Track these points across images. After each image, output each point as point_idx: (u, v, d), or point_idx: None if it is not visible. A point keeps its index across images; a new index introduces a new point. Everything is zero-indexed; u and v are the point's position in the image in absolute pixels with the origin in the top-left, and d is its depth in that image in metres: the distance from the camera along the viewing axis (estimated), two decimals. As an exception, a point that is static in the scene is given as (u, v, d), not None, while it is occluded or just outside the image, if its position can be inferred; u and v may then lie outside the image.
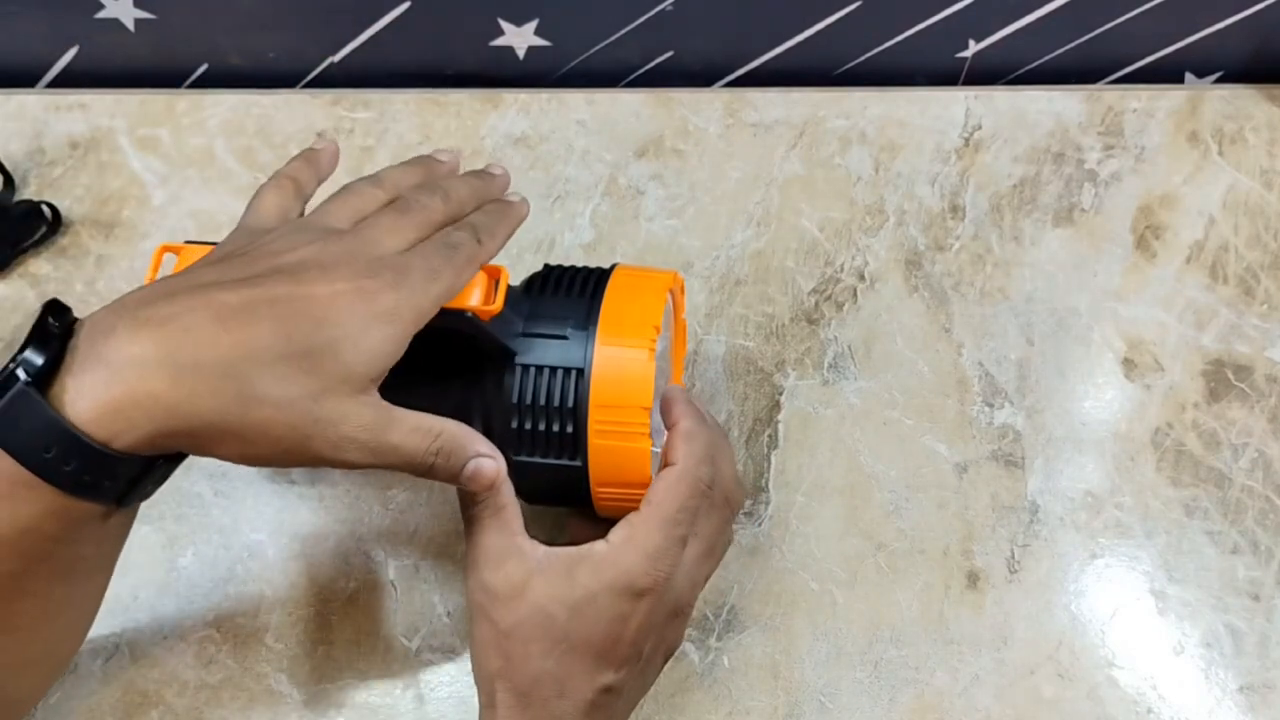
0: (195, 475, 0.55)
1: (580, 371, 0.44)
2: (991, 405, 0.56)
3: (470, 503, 0.44)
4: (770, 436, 0.56)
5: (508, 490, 0.44)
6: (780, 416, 0.56)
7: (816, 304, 0.59)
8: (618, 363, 0.44)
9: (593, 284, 0.46)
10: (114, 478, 0.36)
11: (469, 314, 0.42)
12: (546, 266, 0.48)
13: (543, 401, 0.44)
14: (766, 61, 0.66)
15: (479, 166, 0.62)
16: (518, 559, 0.42)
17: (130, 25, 0.63)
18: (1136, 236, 0.60)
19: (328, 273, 0.38)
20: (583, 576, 0.41)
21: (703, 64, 0.66)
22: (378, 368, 0.38)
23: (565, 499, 0.47)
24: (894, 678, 0.51)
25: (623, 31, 0.64)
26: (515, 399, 0.44)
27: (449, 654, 0.52)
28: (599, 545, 0.42)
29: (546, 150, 0.62)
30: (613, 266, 0.47)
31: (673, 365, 0.55)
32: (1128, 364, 0.57)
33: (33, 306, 0.59)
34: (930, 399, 0.56)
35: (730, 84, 0.67)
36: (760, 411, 0.56)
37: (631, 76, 0.67)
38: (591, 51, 0.65)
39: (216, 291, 0.36)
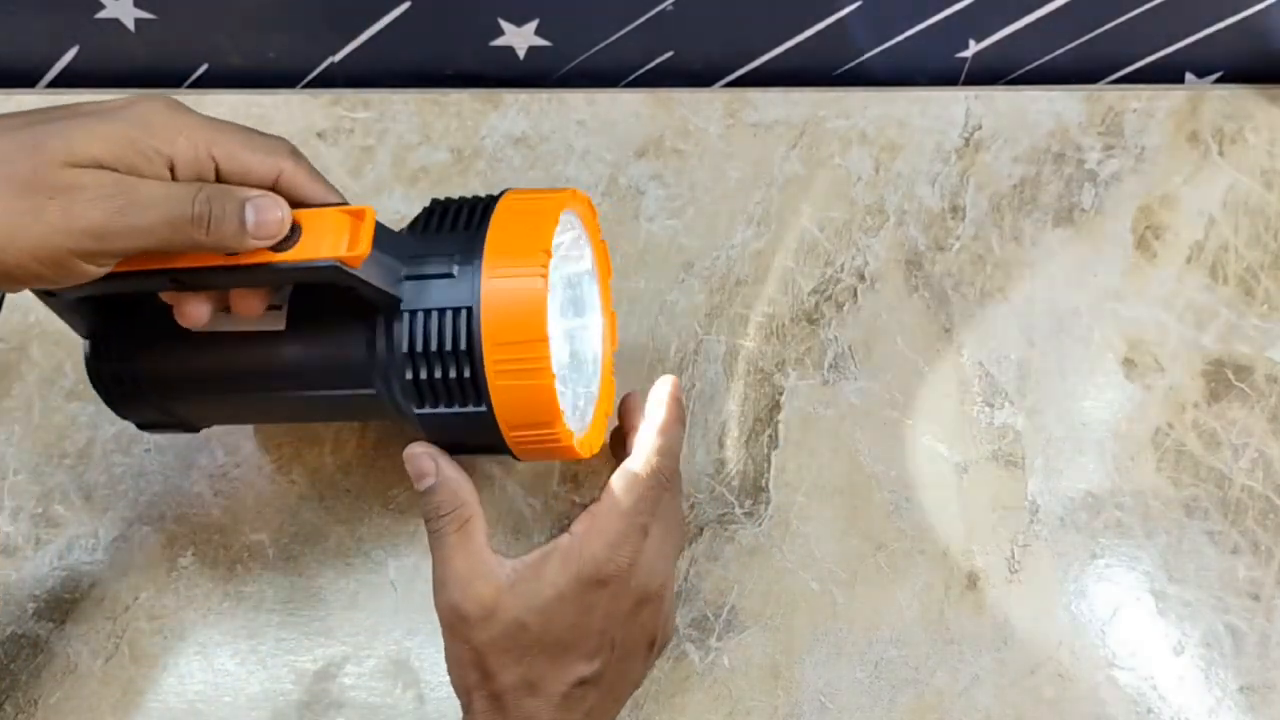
0: (195, 475, 0.55)
1: (470, 310, 0.41)
2: (991, 405, 0.56)
3: (434, 516, 0.43)
4: (770, 436, 0.56)
5: (472, 500, 0.43)
6: (780, 416, 0.56)
7: (816, 304, 0.59)
8: (508, 295, 0.41)
9: (479, 214, 0.43)
10: None
11: (336, 264, 0.39)
12: (433, 201, 0.45)
13: (434, 347, 0.41)
14: (766, 61, 0.66)
15: (479, 166, 0.62)
16: (485, 579, 0.42)
17: (130, 25, 0.63)
18: (1136, 236, 0.60)
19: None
20: (550, 572, 0.42)
21: (703, 64, 0.66)
22: (106, 151, 0.36)
23: (482, 448, 0.45)
24: (894, 678, 0.51)
25: (623, 31, 0.64)
26: (406, 348, 0.41)
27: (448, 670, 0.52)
28: (564, 538, 0.43)
29: (546, 150, 0.62)
30: (503, 192, 0.45)
31: (601, 291, 0.51)
32: (1128, 364, 0.57)
33: (34, 305, 0.59)
34: (930, 399, 0.56)
35: (730, 84, 0.67)
36: (760, 411, 0.56)
37: (631, 76, 0.67)
38: (591, 51, 0.65)
39: None
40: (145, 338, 0.45)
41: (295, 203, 0.41)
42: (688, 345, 0.58)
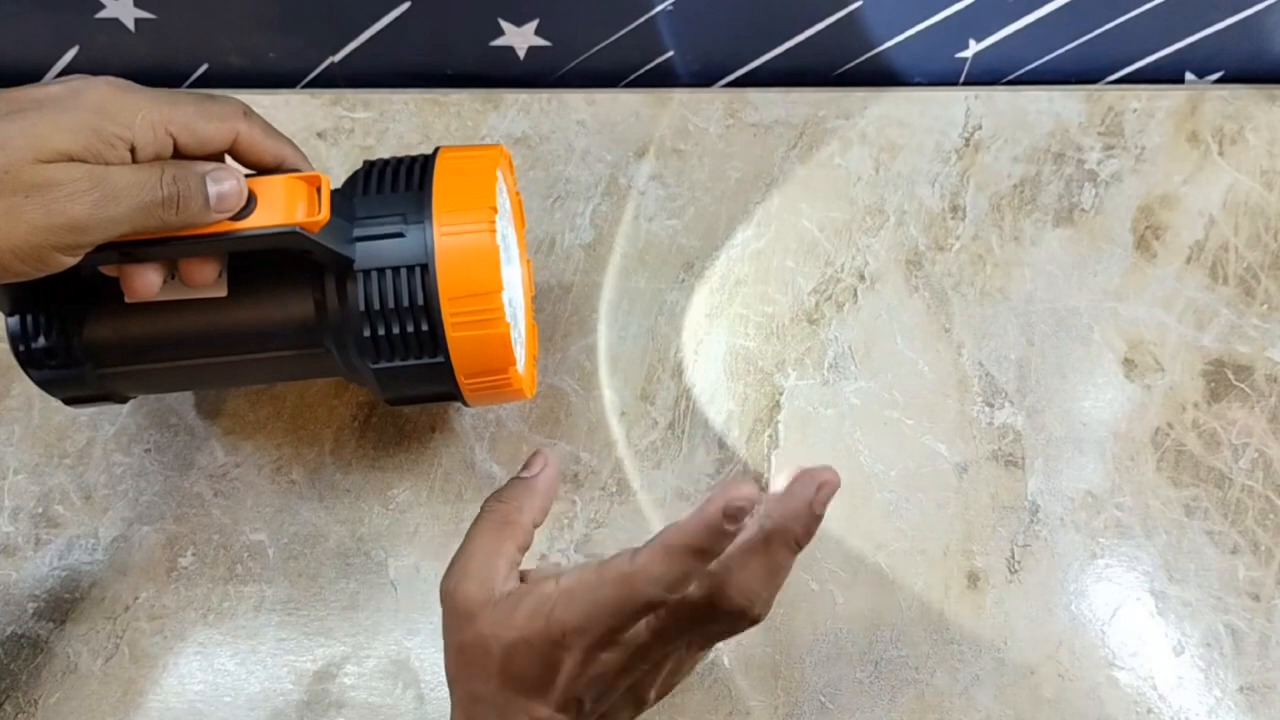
0: (195, 475, 0.55)
1: (425, 267, 0.43)
2: (991, 405, 0.56)
3: (493, 499, 0.43)
4: (770, 436, 0.56)
5: (529, 520, 0.43)
6: (780, 416, 0.56)
7: (816, 304, 0.59)
8: (461, 252, 0.43)
9: (419, 173, 0.45)
10: None
11: (297, 229, 0.40)
12: (367, 163, 0.47)
13: (392, 304, 0.43)
14: (766, 61, 0.66)
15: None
16: (479, 584, 0.40)
17: (130, 25, 0.63)
18: (1136, 236, 0.60)
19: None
20: (520, 615, 0.39)
21: (703, 64, 0.66)
22: (73, 144, 0.36)
23: (435, 396, 0.47)
24: (894, 678, 0.51)
25: (623, 31, 0.64)
26: (363, 306, 0.43)
27: (449, 654, 0.52)
28: (548, 586, 0.39)
29: (546, 150, 0.62)
30: (435, 151, 0.46)
31: (518, 243, 0.53)
32: (1128, 364, 0.57)
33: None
34: (930, 399, 0.56)
35: (730, 84, 0.67)
36: (760, 411, 0.56)
37: (631, 76, 0.67)
38: (591, 51, 0.65)
39: None
40: (80, 311, 0.45)
41: (256, 161, 0.42)
42: (688, 345, 0.58)
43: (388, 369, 0.44)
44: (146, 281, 0.41)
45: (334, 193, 0.43)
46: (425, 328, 0.43)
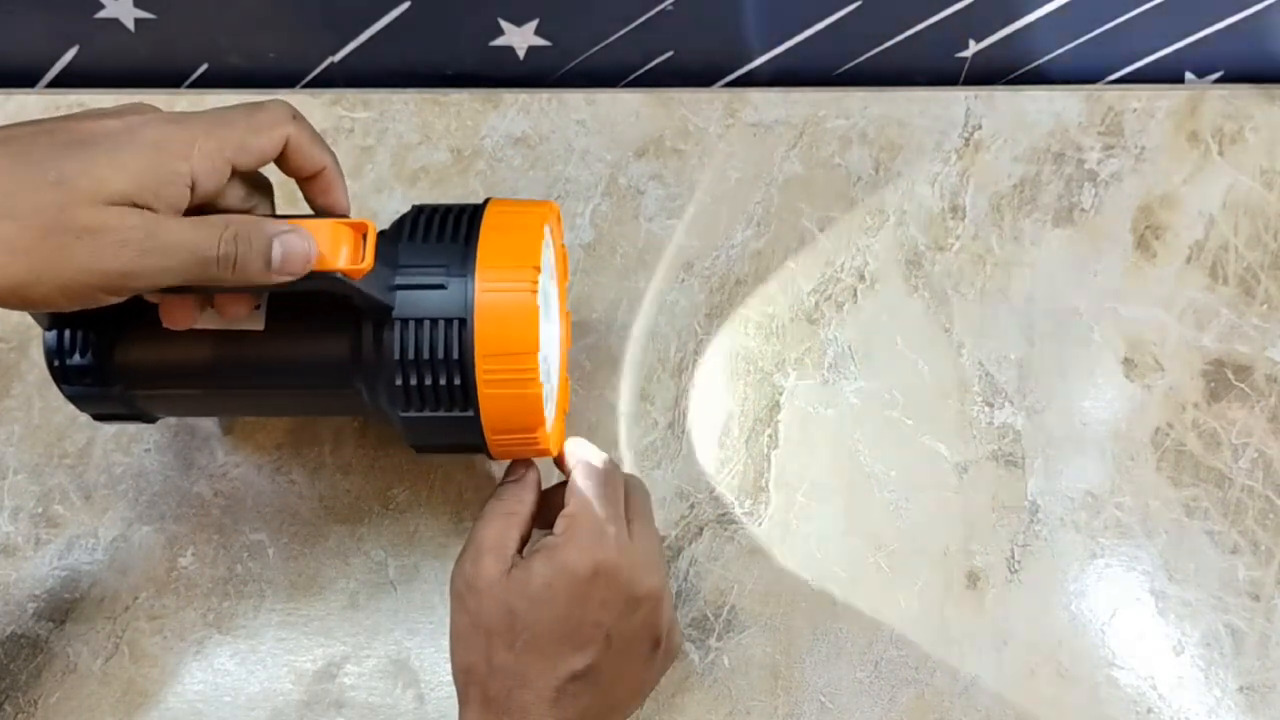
0: (195, 475, 0.55)
1: (463, 321, 0.43)
2: (991, 405, 0.56)
3: (495, 498, 0.46)
4: (770, 436, 0.56)
5: (527, 498, 0.46)
6: (780, 416, 0.56)
7: (816, 304, 0.59)
8: (501, 309, 0.43)
9: (466, 225, 0.45)
10: None
11: (339, 275, 0.40)
12: (415, 208, 0.46)
13: (426, 356, 0.43)
14: (766, 61, 0.66)
15: (479, 166, 0.62)
16: (494, 557, 0.44)
17: (130, 25, 0.63)
18: (1136, 236, 0.60)
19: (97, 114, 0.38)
20: (538, 567, 0.43)
21: (703, 64, 0.66)
22: (133, 185, 0.36)
23: (461, 448, 0.48)
24: (894, 678, 0.51)
25: (623, 31, 0.64)
26: (397, 355, 0.43)
27: (449, 654, 0.52)
28: (548, 539, 0.44)
29: (546, 150, 0.62)
30: (485, 202, 0.46)
31: (559, 298, 0.53)
32: (1128, 364, 0.57)
33: (33, 306, 0.59)
34: (930, 399, 0.56)
35: (730, 84, 0.67)
36: (760, 411, 0.56)
37: (631, 76, 0.67)
38: (591, 51, 0.65)
39: None
40: (118, 332, 0.45)
41: (298, 168, 0.42)
42: (688, 345, 0.58)
43: (416, 418, 0.44)
44: (183, 312, 0.42)
45: (379, 234, 0.42)
46: (458, 382, 0.43)
